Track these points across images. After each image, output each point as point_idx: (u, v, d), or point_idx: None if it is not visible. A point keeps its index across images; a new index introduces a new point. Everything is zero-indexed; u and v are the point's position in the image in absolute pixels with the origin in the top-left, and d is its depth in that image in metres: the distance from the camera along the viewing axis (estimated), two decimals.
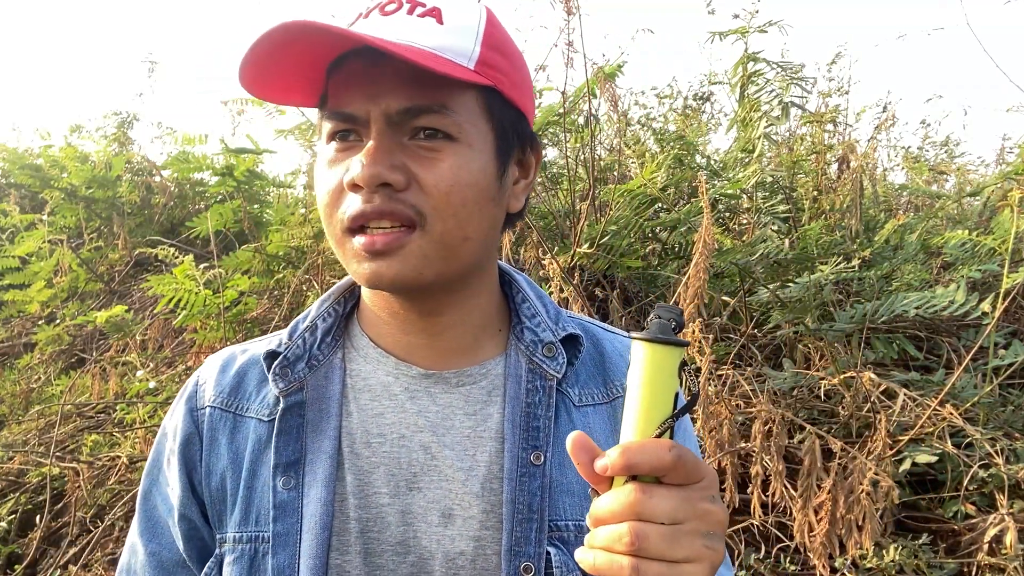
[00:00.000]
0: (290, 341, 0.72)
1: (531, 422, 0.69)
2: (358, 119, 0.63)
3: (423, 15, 0.63)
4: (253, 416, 0.71)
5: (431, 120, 0.61)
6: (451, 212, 0.62)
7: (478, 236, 0.66)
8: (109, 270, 4.49)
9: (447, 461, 0.67)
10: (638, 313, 2.77)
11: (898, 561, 1.70)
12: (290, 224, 3.33)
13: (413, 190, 0.61)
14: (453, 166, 0.62)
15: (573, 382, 0.73)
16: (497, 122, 0.66)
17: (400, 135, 0.62)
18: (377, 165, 0.60)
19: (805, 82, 2.58)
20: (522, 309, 0.75)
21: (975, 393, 2.01)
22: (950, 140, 4.35)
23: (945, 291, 2.01)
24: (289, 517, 0.66)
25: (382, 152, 0.61)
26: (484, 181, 0.65)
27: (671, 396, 0.51)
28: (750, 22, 2.66)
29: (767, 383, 2.20)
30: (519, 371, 0.71)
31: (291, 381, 0.69)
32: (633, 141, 3.72)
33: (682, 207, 2.77)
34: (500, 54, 0.66)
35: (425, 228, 0.62)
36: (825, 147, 3.22)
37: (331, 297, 0.76)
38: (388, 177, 0.60)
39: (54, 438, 2.81)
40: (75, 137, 4.93)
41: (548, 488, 0.67)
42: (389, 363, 0.71)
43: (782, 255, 2.33)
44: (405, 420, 0.69)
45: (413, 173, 0.62)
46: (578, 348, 0.73)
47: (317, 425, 0.69)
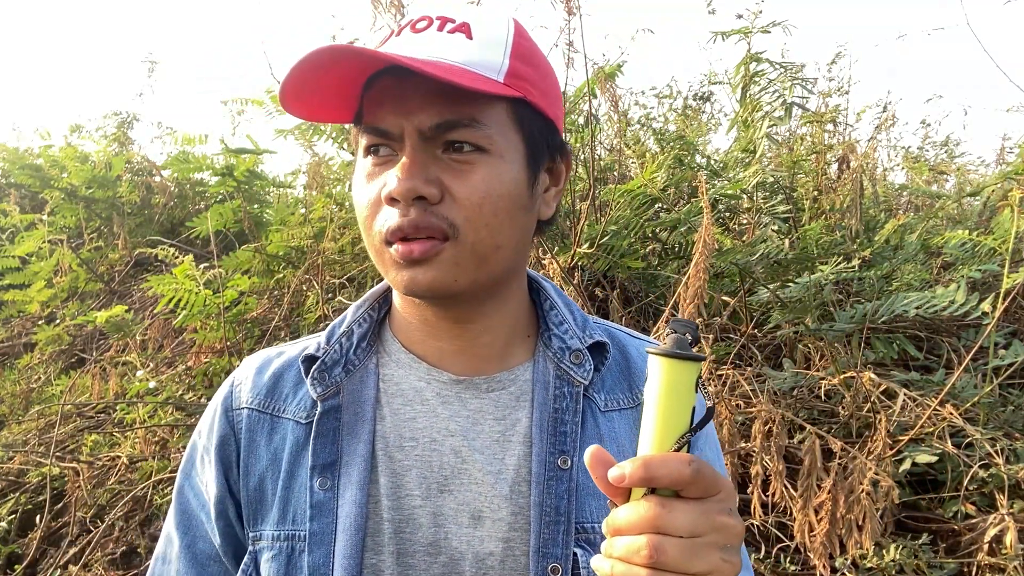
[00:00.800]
0: (328, 346, 0.74)
1: (558, 427, 0.71)
2: (392, 134, 0.65)
3: (453, 31, 0.66)
4: (290, 418, 0.73)
5: (462, 134, 0.64)
6: (483, 222, 0.65)
7: (510, 244, 0.68)
8: (109, 270, 4.49)
9: (476, 465, 0.69)
10: (638, 313, 2.77)
11: (898, 561, 1.70)
12: (290, 224, 3.33)
13: (447, 203, 0.64)
14: (485, 178, 0.64)
15: (599, 387, 0.74)
16: (527, 132, 0.68)
17: (433, 148, 0.65)
18: (412, 179, 0.63)
19: (806, 82, 2.58)
20: (550, 316, 0.77)
21: (975, 393, 2.01)
22: (950, 140, 4.35)
23: (945, 291, 2.01)
24: (325, 517, 0.68)
25: (416, 166, 0.63)
26: (516, 191, 0.67)
27: (688, 410, 0.51)
28: (753, 22, 2.66)
29: (767, 383, 2.20)
30: (547, 377, 0.73)
31: (328, 385, 0.72)
32: (633, 141, 3.72)
33: (682, 207, 2.77)
34: (529, 65, 0.68)
35: (458, 239, 0.64)
36: (825, 147, 3.22)
37: (366, 303, 0.79)
38: (423, 191, 0.63)
39: (54, 438, 2.81)
40: (75, 137, 4.94)
41: (575, 491, 0.69)
42: (421, 368, 0.73)
43: (782, 255, 2.33)
44: (436, 425, 0.71)
45: (446, 186, 0.64)
46: (604, 355, 0.75)
47: (352, 428, 0.71)
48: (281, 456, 0.71)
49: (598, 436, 0.72)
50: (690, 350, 0.51)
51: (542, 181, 0.72)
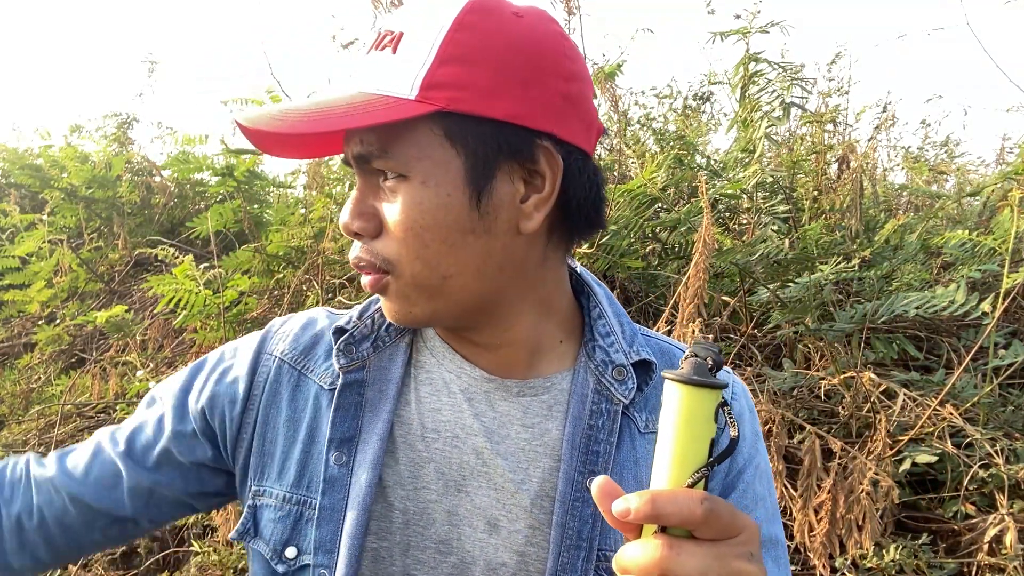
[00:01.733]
0: (359, 320, 0.73)
1: (591, 445, 0.67)
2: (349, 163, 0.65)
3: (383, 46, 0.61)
4: (316, 380, 0.72)
5: (380, 164, 0.61)
6: (415, 255, 0.61)
7: (465, 271, 0.62)
8: (109, 270, 4.49)
9: (498, 470, 0.67)
10: (638, 313, 2.77)
11: (898, 561, 1.70)
12: (290, 224, 3.33)
13: (384, 237, 0.63)
14: (405, 206, 0.60)
15: (641, 407, 0.70)
16: (464, 144, 0.59)
17: (375, 176, 0.63)
18: (348, 215, 0.63)
19: (806, 82, 2.58)
20: (596, 326, 0.72)
21: (975, 393, 2.01)
22: (950, 140, 4.35)
23: (945, 291, 2.01)
24: (337, 493, 0.67)
25: (357, 199, 0.64)
26: (446, 217, 0.60)
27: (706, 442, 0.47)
28: (752, 23, 2.66)
29: (767, 383, 2.20)
30: (585, 390, 0.69)
31: (353, 359, 0.70)
32: (633, 141, 3.72)
33: (682, 207, 2.77)
34: (463, 64, 0.58)
35: (396, 274, 0.63)
36: (825, 147, 3.22)
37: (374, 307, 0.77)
38: (355, 227, 0.63)
39: (54, 438, 2.81)
40: (75, 137, 4.93)
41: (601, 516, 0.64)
42: (455, 360, 0.71)
43: (782, 255, 2.33)
44: (461, 420, 0.68)
45: (382, 217, 0.62)
46: (650, 374, 0.71)
47: (375, 405, 0.69)
48: (302, 416, 0.71)
49: (634, 459, 0.68)
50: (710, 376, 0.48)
51: (499, 194, 0.61)
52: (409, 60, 0.59)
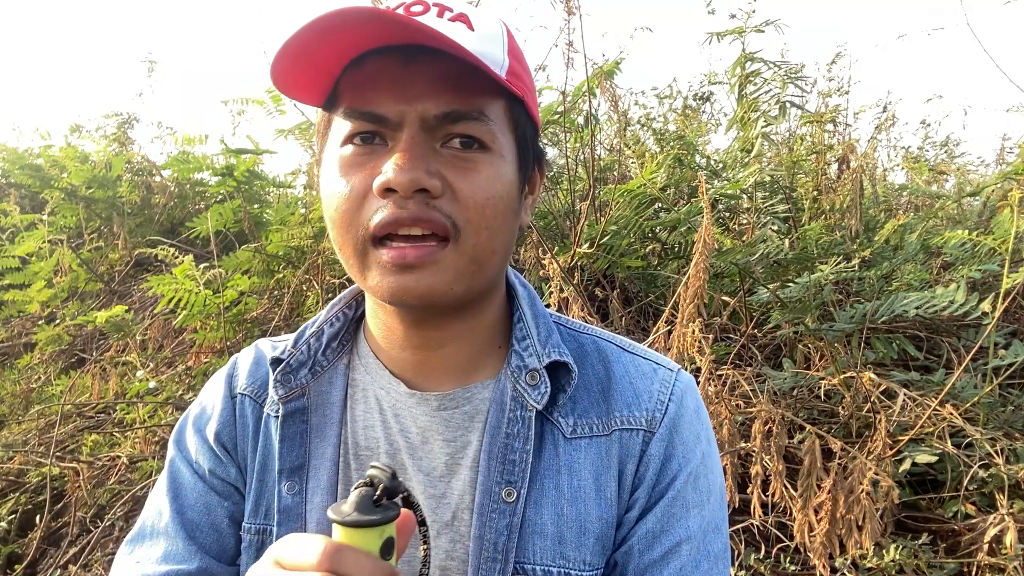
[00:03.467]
0: (293, 349, 0.70)
1: (507, 455, 0.65)
2: (387, 121, 0.58)
3: (453, 19, 0.60)
4: (267, 411, 0.72)
5: (468, 127, 0.59)
6: (484, 224, 0.59)
7: (503, 249, 0.63)
8: (109, 270, 4.49)
9: (419, 488, 0.66)
10: (638, 313, 2.77)
11: (898, 561, 1.70)
12: (290, 224, 3.33)
13: (447, 198, 0.58)
14: (489, 177, 0.60)
15: (568, 411, 0.67)
16: (520, 134, 0.64)
17: (433, 140, 0.59)
18: (416, 170, 0.56)
19: (803, 81, 2.58)
20: (515, 330, 0.70)
21: (975, 393, 2.01)
22: (950, 140, 4.35)
23: (945, 291, 2.01)
24: (293, 522, 0.66)
25: (418, 157, 0.57)
26: (512, 193, 0.63)
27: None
28: (747, 22, 2.66)
29: (767, 383, 2.20)
30: (504, 398, 0.66)
31: (292, 388, 0.69)
32: (633, 141, 3.72)
33: (682, 207, 2.77)
34: (522, 66, 0.65)
35: (459, 241, 0.59)
36: (825, 147, 3.22)
37: (342, 301, 0.75)
38: (426, 183, 0.57)
39: (54, 438, 2.81)
40: (75, 137, 4.93)
41: (518, 527, 0.63)
42: (384, 376, 0.70)
43: (782, 255, 2.33)
44: (390, 437, 0.68)
45: (449, 181, 0.58)
46: (569, 376, 0.67)
47: (321, 431, 0.68)
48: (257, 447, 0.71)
49: (556, 467, 0.65)
50: (372, 511, 0.44)
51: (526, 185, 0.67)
52: (491, 42, 0.61)
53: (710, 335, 2.29)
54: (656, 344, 2.03)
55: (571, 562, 0.64)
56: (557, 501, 0.65)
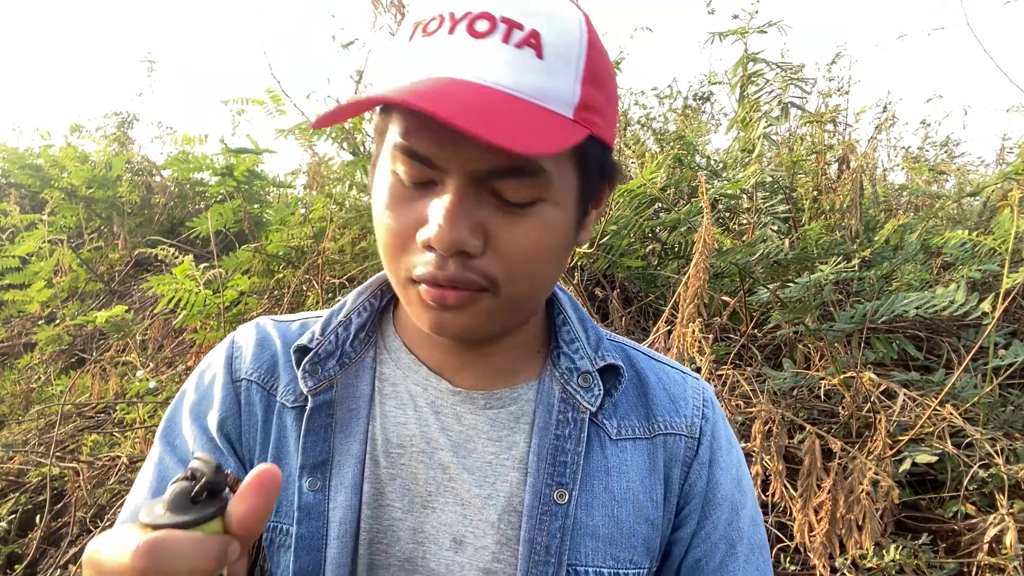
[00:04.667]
0: (322, 337, 0.68)
1: (558, 456, 0.65)
2: (435, 165, 0.54)
3: (521, 44, 0.53)
4: (279, 400, 0.68)
5: (520, 184, 0.54)
6: (526, 276, 0.57)
7: (547, 288, 0.63)
8: (109, 270, 4.49)
9: (465, 485, 0.64)
10: (638, 313, 2.77)
11: (898, 561, 1.70)
12: (290, 224, 3.33)
13: (487, 255, 0.55)
14: (537, 230, 0.56)
15: (611, 413, 0.68)
16: (586, 169, 0.59)
17: (482, 190, 0.55)
18: (455, 231, 0.53)
19: (805, 82, 2.58)
20: (561, 333, 0.70)
21: (975, 393, 2.01)
22: (950, 140, 4.35)
23: (945, 291, 2.01)
24: (314, 520, 0.64)
25: (461, 213, 0.53)
26: (563, 237, 0.59)
27: None
28: (749, 23, 2.66)
29: (767, 383, 2.20)
30: (551, 399, 0.67)
31: (320, 380, 0.66)
32: (633, 141, 3.72)
33: (682, 207, 2.77)
34: (599, 87, 0.56)
35: (497, 293, 0.57)
36: (825, 147, 3.22)
37: (368, 290, 0.72)
38: (467, 245, 0.54)
39: (54, 438, 2.81)
40: (75, 137, 4.94)
41: (570, 529, 0.63)
42: (420, 373, 0.68)
43: (782, 255, 2.33)
44: (427, 434, 0.66)
45: (491, 234, 0.55)
46: (618, 379, 0.68)
47: (346, 426, 0.66)
48: (270, 437, 0.67)
49: (605, 468, 0.66)
50: (188, 509, 0.39)
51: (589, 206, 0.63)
52: (562, 68, 0.54)
53: (710, 335, 2.29)
54: (656, 344, 2.03)
55: (620, 563, 0.65)
56: (607, 502, 0.65)
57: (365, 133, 3.20)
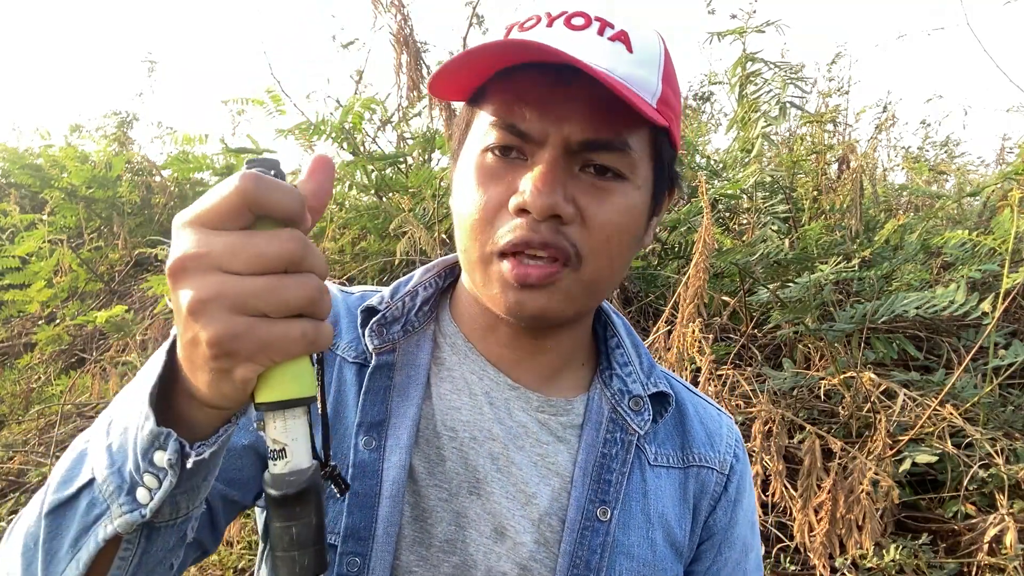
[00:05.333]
0: (391, 301, 0.70)
1: (603, 474, 0.66)
2: (531, 138, 0.59)
3: (613, 38, 0.59)
4: (339, 353, 0.68)
5: (610, 158, 0.59)
6: (606, 253, 0.61)
7: (619, 276, 0.65)
8: (109, 270, 4.49)
9: (512, 478, 0.66)
10: (638, 313, 2.77)
11: (898, 561, 1.70)
12: None
13: (576, 225, 0.59)
14: (620, 208, 0.60)
15: (651, 439, 0.71)
16: (660, 163, 0.64)
17: (572, 164, 0.59)
18: (554, 195, 0.57)
19: (804, 82, 2.58)
20: (615, 355, 0.72)
21: (975, 393, 2.01)
22: (950, 140, 4.35)
23: (945, 291, 2.01)
24: (369, 479, 0.64)
25: (557, 181, 0.58)
26: (639, 222, 0.63)
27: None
28: (747, 22, 2.66)
29: (767, 383, 2.20)
30: (600, 417, 0.69)
31: (385, 341, 0.67)
32: None
33: (682, 207, 2.77)
34: (673, 90, 0.63)
35: (579, 268, 0.60)
36: (825, 147, 3.22)
37: (434, 269, 0.74)
38: (561, 209, 0.57)
39: (54, 438, 2.81)
40: (75, 137, 4.94)
41: (610, 547, 0.65)
42: (478, 361, 0.69)
43: (782, 255, 2.33)
44: (480, 423, 0.67)
45: (581, 207, 0.59)
46: (665, 406, 0.71)
47: (404, 390, 0.67)
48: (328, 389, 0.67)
49: (643, 490, 0.68)
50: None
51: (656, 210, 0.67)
52: (647, 65, 0.60)
53: (710, 335, 2.29)
54: (656, 344, 2.03)
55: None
56: (643, 525, 0.68)
57: (365, 133, 3.20)
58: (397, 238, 2.78)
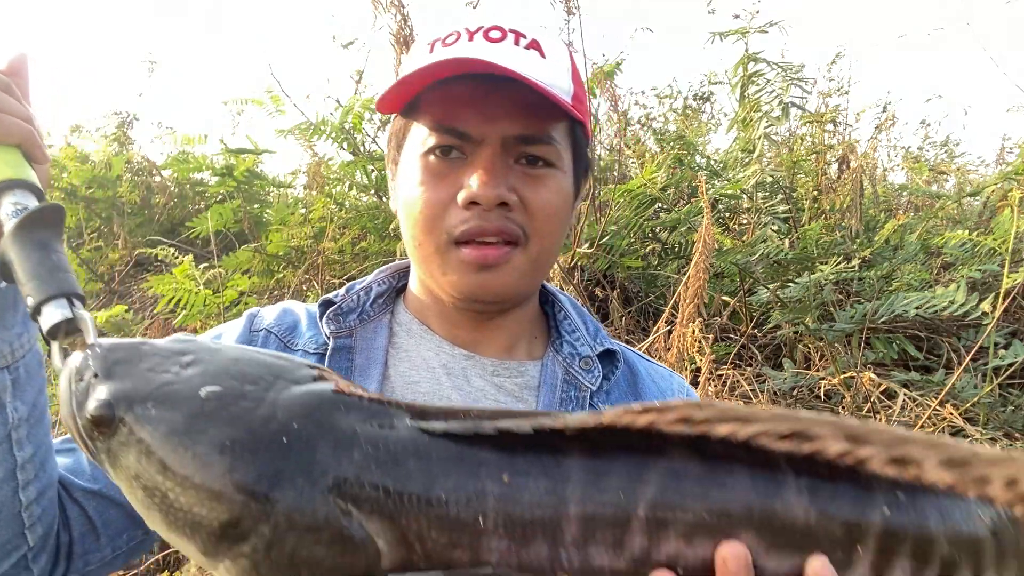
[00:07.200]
0: (346, 295, 0.76)
1: None
2: (470, 138, 0.67)
3: (528, 47, 0.68)
4: (302, 347, 0.74)
5: (539, 149, 0.68)
6: (547, 232, 0.69)
7: (557, 252, 0.74)
8: (109, 270, 4.49)
9: None
10: (638, 313, 2.77)
11: None
12: (290, 224, 3.33)
13: (519, 210, 0.67)
14: (554, 191, 0.69)
15: (604, 399, 0.75)
16: (577, 150, 0.73)
17: (508, 157, 0.67)
18: (499, 187, 0.65)
19: (805, 82, 2.58)
20: (563, 325, 0.79)
21: (975, 393, 2.01)
22: (950, 140, 4.35)
23: (945, 291, 2.01)
24: None
25: (498, 173, 0.66)
26: (569, 204, 0.72)
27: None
28: (750, 23, 2.66)
29: (767, 383, 2.20)
30: (555, 380, 0.74)
31: (342, 327, 0.74)
32: (633, 141, 3.72)
33: (682, 207, 2.77)
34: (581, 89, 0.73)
35: (527, 247, 0.68)
36: (825, 147, 3.22)
37: (388, 270, 0.82)
38: (507, 198, 0.66)
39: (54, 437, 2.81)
40: (75, 137, 4.93)
41: None
42: (433, 340, 0.75)
43: (782, 255, 2.33)
44: (439, 392, 0.71)
45: (520, 194, 0.67)
46: (614, 364, 0.77)
47: (365, 370, 0.72)
48: None
49: None
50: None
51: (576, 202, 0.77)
52: (559, 69, 0.69)
53: (710, 335, 2.29)
54: (656, 344, 2.03)
55: None
56: None
57: (365, 133, 3.20)
58: (397, 238, 2.79)
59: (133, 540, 0.69)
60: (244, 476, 0.42)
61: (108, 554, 0.68)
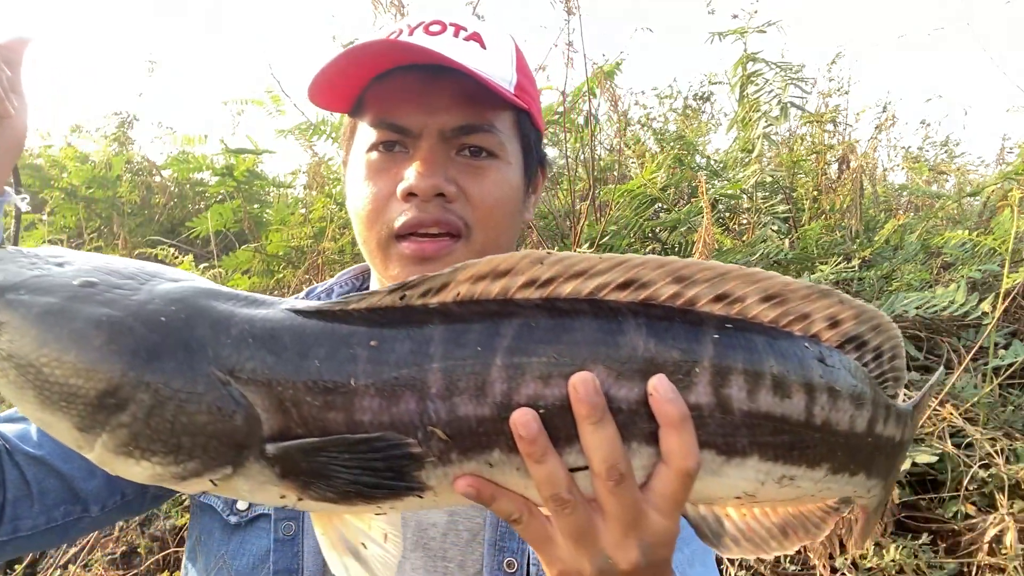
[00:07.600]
0: (306, 298, 0.77)
1: None
2: (409, 132, 0.67)
3: (468, 39, 0.69)
4: None
5: (480, 139, 0.68)
6: (492, 224, 0.68)
7: (508, 245, 0.72)
8: None
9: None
10: None
11: (898, 561, 1.70)
12: (290, 224, 3.33)
13: (460, 202, 0.67)
14: (496, 181, 0.68)
15: None
16: (525, 141, 0.73)
17: (449, 149, 0.67)
18: (436, 177, 0.65)
19: (804, 82, 2.58)
20: None
21: (975, 393, 2.01)
22: (950, 140, 4.34)
23: (945, 291, 2.01)
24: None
25: (437, 165, 0.66)
26: (517, 195, 0.72)
27: None
28: (749, 23, 2.66)
29: None
30: None
31: None
32: (633, 141, 3.72)
33: (682, 207, 2.77)
34: (528, 80, 0.73)
35: (470, 239, 0.67)
36: (825, 147, 3.22)
37: (349, 272, 0.83)
38: (444, 188, 0.65)
39: None
40: (75, 137, 4.93)
41: None
42: None
43: (782, 255, 2.33)
44: None
45: (461, 186, 0.67)
46: None
47: None
48: None
49: None
50: None
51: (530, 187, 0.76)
52: (501, 59, 0.69)
53: None
54: None
55: None
56: None
57: None
58: None
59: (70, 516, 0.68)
60: (122, 346, 0.44)
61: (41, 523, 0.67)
